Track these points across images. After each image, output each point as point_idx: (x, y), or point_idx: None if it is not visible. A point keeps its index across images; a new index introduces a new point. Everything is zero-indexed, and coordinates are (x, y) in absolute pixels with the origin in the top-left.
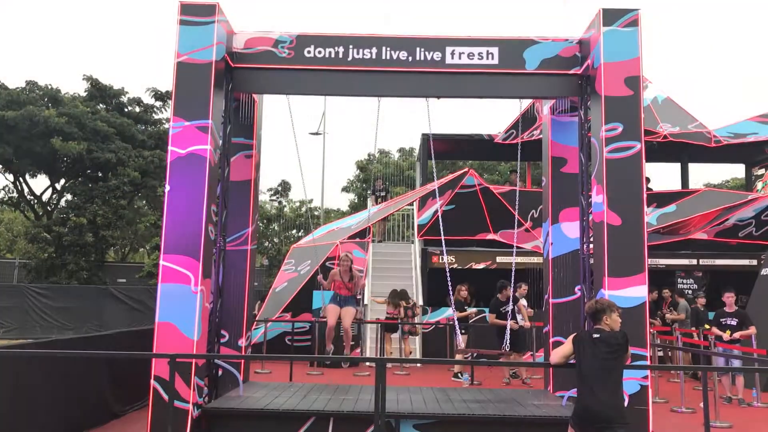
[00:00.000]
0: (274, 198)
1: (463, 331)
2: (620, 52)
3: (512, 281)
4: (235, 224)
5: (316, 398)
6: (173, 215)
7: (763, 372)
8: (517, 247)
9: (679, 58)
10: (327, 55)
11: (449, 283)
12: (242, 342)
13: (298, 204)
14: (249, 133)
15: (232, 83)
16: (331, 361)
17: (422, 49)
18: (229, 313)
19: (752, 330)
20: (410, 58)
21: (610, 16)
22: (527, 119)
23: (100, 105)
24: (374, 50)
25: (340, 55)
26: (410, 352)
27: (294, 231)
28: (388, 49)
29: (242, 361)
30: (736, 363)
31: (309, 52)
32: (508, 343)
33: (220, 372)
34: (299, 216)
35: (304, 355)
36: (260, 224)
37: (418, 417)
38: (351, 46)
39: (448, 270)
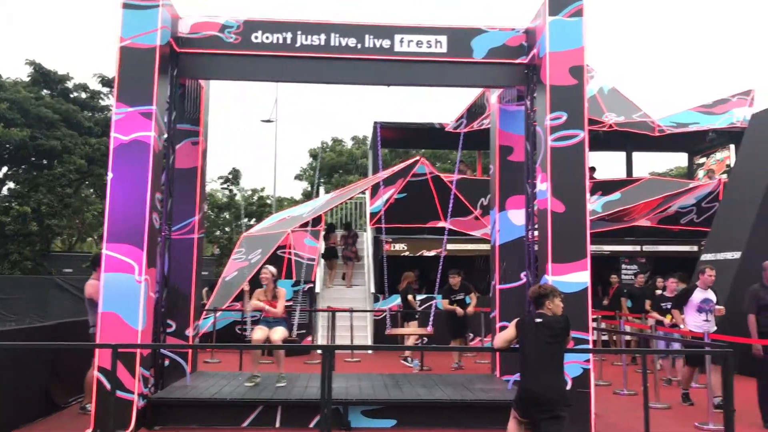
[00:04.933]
0: (224, 186)
1: (416, 317)
2: (565, 42)
3: (440, 268)
4: (181, 212)
5: (264, 387)
6: (116, 203)
7: (705, 354)
8: (467, 235)
9: (624, 49)
10: (275, 41)
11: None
12: (189, 332)
13: (249, 192)
14: (195, 119)
15: (178, 68)
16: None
17: (371, 37)
18: (176, 303)
19: None
20: (359, 45)
21: (556, 6)
22: (479, 108)
23: (44, 91)
24: (323, 36)
25: (288, 41)
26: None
27: (246, 219)
28: (337, 35)
29: (189, 351)
30: (676, 346)
31: (257, 37)
32: (431, 323)
33: (166, 362)
34: (250, 204)
35: (253, 344)
36: (211, 213)
37: (366, 403)
38: (299, 32)
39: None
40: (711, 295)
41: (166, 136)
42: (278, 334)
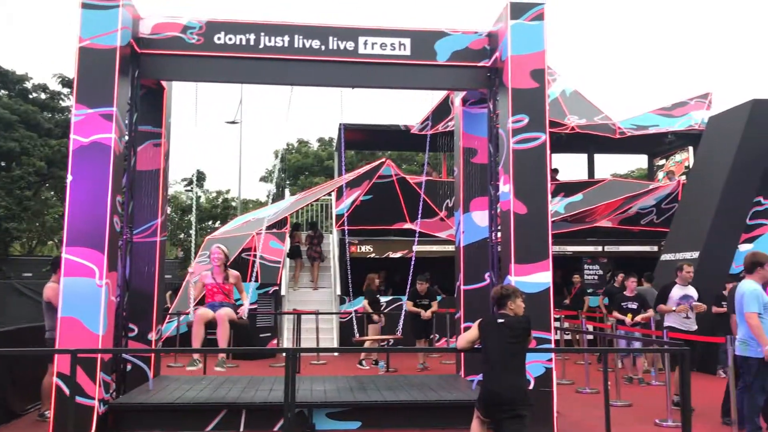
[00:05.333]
0: (189, 188)
1: (375, 319)
2: (526, 45)
3: (411, 270)
4: (143, 215)
5: (228, 390)
6: (76, 206)
7: (660, 352)
8: (433, 236)
9: (585, 52)
10: (238, 42)
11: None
12: (152, 336)
13: (214, 194)
14: (157, 121)
15: (139, 70)
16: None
17: (335, 39)
18: (138, 307)
19: (650, 313)
20: (323, 47)
21: (517, 10)
22: (444, 110)
23: (2, 91)
24: (286, 38)
25: (252, 43)
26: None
27: (210, 222)
28: (301, 37)
29: (152, 355)
30: (637, 345)
31: (219, 38)
32: (401, 326)
33: (128, 367)
34: (215, 207)
35: (217, 348)
36: (174, 215)
37: (331, 406)
38: (262, 34)
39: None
40: (691, 292)
41: (127, 138)
42: (225, 310)
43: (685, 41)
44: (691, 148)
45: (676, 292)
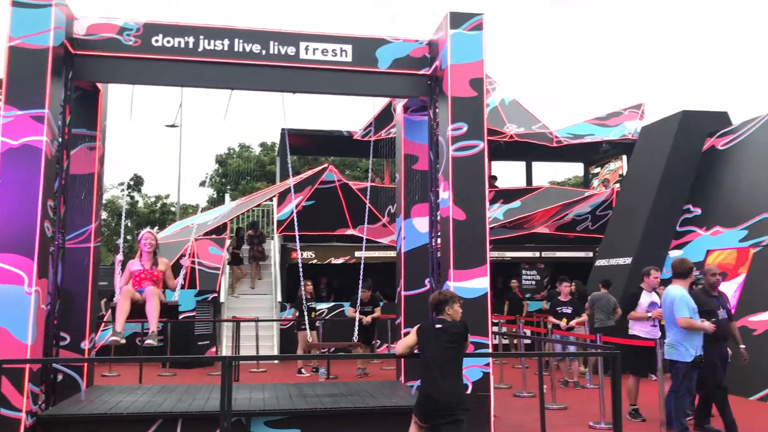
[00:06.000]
0: (126, 193)
1: (303, 327)
2: (465, 55)
3: (361, 275)
4: (76, 220)
5: (164, 399)
6: (4, 211)
7: (594, 356)
8: (375, 242)
9: (524, 63)
10: (176, 45)
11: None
12: (85, 345)
13: (153, 199)
14: (92, 124)
15: (73, 71)
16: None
17: (276, 43)
18: (71, 315)
19: (584, 317)
20: (264, 52)
21: (457, 20)
22: (387, 116)
23: None
24: (226, 42)
25: (191, 46)
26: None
27: (148, 227)
28: (241, 41)
29: (85, 364)
30: (572, 349)
31: (157, 41)
32: (356, 335)
33: (60, 377)
34: (153, 212)
35: (154, 356)
36: (110, 220)
37: (269, 414)
38: (201, 37)
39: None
40: (656, 298)
41: (60, 140)
42: (152, 288)
43: (618, 52)
44: (624, 157)
45: (645, 298)
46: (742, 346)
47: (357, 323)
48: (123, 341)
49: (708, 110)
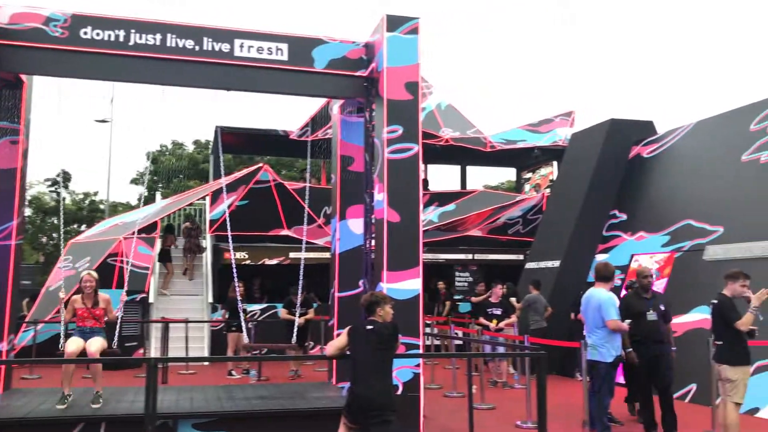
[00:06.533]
0: (52, 189)
1: (234, 328)
2: (401, 58)
3: (301, 277)
4: None
5: (87, 402)
6: None
7: (523, 356)
8: (310, 243)
9: (460, 67)
10: (106, 38)
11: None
12: (3, 346)
13: (81, 196)
14: (15, 117)
15: None
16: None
17: (210, 40)
18: None
19: (513, 319)
20: (197, 48)
21: (393, 23)
22: (324, 117)
23: None
24: (158, 36)
25: (121, 39)
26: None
27: (75, 225)
28: (174, 36)
29: (3, 367)
30: (501, 350)
31: (86, 33)
32: (295, 337)
33: None
34: (80, 209)
35: (76, 358)
36: (35, 217)
37: (197, 416)
38: (133, 31)
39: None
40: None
41: None
42: (95, 345)
43: (551, 60)
44: (555, 163)
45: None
46: (674, 348)
47: (296, 325)
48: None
49: (634, 119)
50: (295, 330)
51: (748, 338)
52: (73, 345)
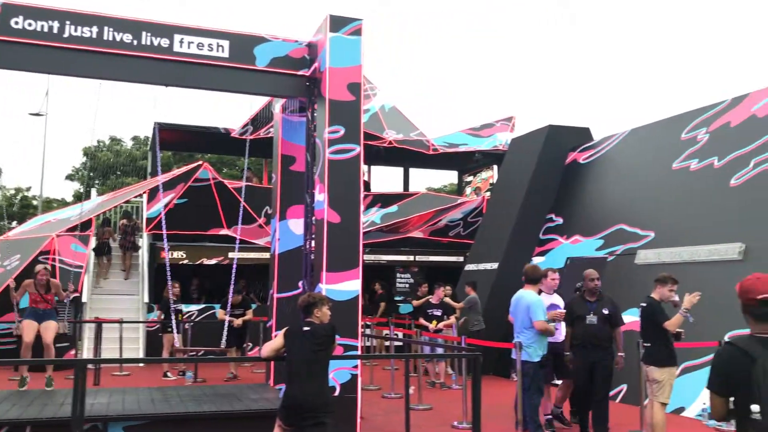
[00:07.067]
0: None
1: (170, 329)
2: (344, 59)
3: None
4: None
5: (12, 405)
6: None
7: (459, 357)
8: (250, 243)
9: (404, 70)
10: (39, 29)
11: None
12: None
13: (12, 191)
14: None
15: None
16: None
17: (148, 34)
18: None
19: (452, 320)
20: (135, 42)
21: (337, 23)
22: (266, 116)
23: None
24: (95, 29)
25: (55, 31)
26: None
27: (6, 221)
28: (111, 29)
29: None
30: (440, 350)
31: (17, 23)
32: (225, 339)
33: None
34: (11, 205)
35: (2, 360)
36: None
37: (129, 419)
38: (68, 22)
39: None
40: (557, 300)
41: None
42: (50, 334)
43: (490, 66)
44: (495, 167)
45: (543, 300)
46: (620, 354)
47: (226, 327)
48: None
49: (572, 125)
50: (225, 332)
51: (675, 340)
52: (30, 333)
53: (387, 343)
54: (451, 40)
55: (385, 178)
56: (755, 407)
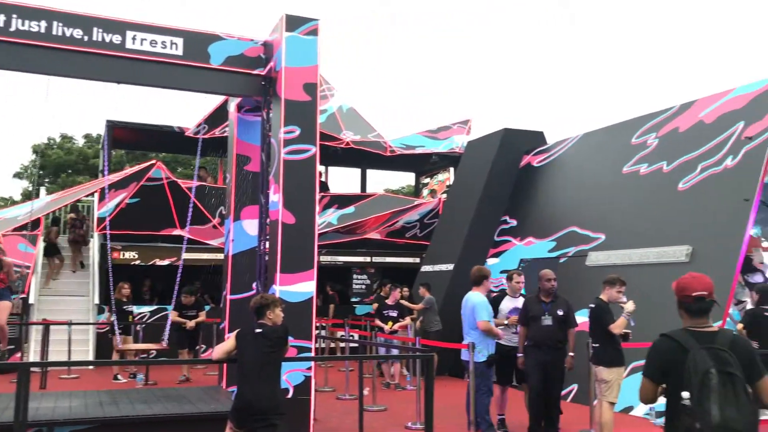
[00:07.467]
0: None
1: (120, 330)
2: (300, 59)
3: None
4: None
5: None
6: None
7: (413, 358)
8: (204, 244)
9: (362, 71)
10: None
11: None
12: None
13: None
14: None
15: None
16: None
17: (100, 30)
18: None
19: (407, 321)
20: (86, 38)
21: (293, 23)
22: (222, 115)
23: None
24: (43, 23)
25: (1, 24)
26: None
27: None
28: (60, 24)
29: None
30: (394, 351)
31: None
32: (166, 337)
33: None
34: None
35: None
36: None
37: (75, 423)
38: (14, 16)
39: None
40: (521, 303)
41: None
42: (4, 313)
43: (447, 68)
44: (452, 169)
45: (507, 303)
46: (571, 354)
47: (168, 325)
48: None
49: (526, 129)
50: (167, 331)
51: (623, 341)
52: None
53: (342, 345)
54: (418, 41)
55: (342, 179)
56: (686, 394)
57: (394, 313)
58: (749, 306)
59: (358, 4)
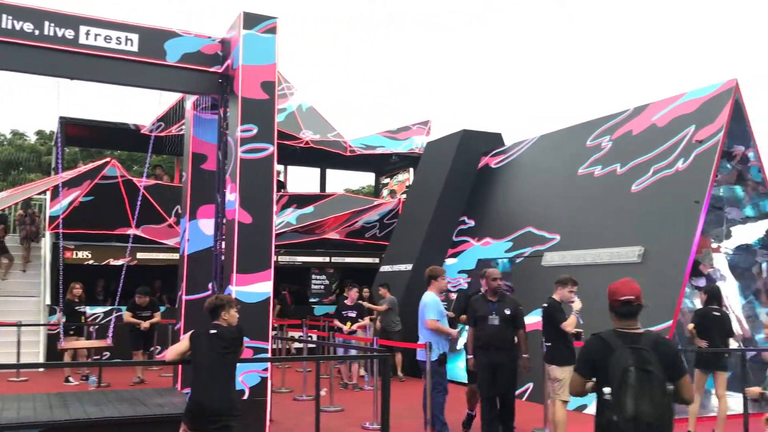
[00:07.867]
0: None
1: (71, 332)
2: (258, 57)
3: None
4: None
5: None
6: None
7: (370, 358)
8: (159, 243)
9: (322, 70)
10: None
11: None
12: None
13: None
14: None
15: None
16: None
17: (52, 24)
18: None
19: (367, 321)
20: (37, 32)
21: (250, 21)
22: (179, 112)
23: None
24: None
25: None
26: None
27: None
28: (10, 17)
29: None
30: (352, 352)
31: None
32: (111, 334)
33: None
34: None
35: None
36: None
37: (23, 426)
38: None
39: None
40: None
41: None
42: None
43: (408, 69)
44: (412, 169)
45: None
46: (525, 356)
47: (112, 324)
48: None
49: (485, 131)
50: (111, 330)
51: (575, 340)
52: None
53: (300, 345)
54: (387, 41)
55: (301, 179)
56: (607, 389)
57: (352, 314)
58: (698, 306)
59: (327, 4)
